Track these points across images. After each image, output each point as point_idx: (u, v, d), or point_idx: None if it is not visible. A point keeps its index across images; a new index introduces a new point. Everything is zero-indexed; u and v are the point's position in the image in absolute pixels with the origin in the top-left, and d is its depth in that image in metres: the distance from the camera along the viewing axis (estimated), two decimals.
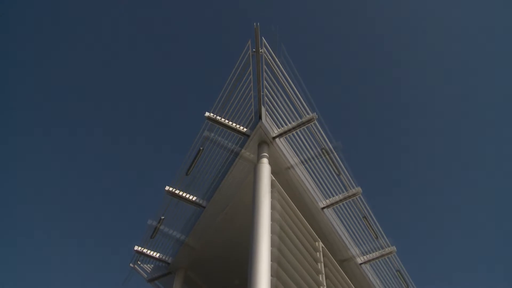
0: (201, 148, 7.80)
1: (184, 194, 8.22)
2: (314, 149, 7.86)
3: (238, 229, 8.40)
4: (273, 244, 5.93)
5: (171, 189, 8.22)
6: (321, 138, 7.72)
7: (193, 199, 8.20)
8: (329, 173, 8.08)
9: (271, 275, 5.52)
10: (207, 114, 7.41)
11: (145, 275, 9.97)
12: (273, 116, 7.37)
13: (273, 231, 6.04)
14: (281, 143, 7.45)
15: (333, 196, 8.37)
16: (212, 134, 7.73)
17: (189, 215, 8.67)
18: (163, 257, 9.34)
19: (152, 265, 10.07)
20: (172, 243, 9.24)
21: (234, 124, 7.45)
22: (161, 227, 8.98)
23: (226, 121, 7.45)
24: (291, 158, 7.66)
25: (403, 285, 11.13)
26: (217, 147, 7.82)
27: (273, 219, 6.19)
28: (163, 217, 8.78)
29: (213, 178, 8.03)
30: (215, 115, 7.42)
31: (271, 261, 5.61)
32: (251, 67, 7.13)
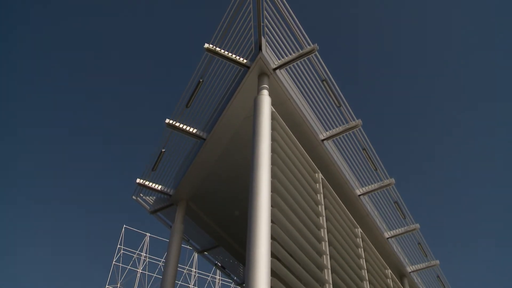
0: (201, 80, 7.70)
1: (184, 127, 8.20)
2: (314, 80, 7.77)
3: (239, 160, 8.46)
4: (273, 176, 5.98)
5: (171, 121, 8.19)
6: (322, 70, 7.62)
7: (193, 131, 8.20)
8: (329, 105, 8.04)
9: (271, 206, 5.60)
10: (206, 45, 7.25)
11: (148, 207, 10.14)
12: (274, 47, 7.23)
13: (273, 163, 6.08)
14: (281, 74, 7.35)
15: (333, 128, 8.36)
16: (212, 66, 7.62)
17: (189, 148, 8.69)
18: (165, 189, 9.46)
19: (154, 198, 10.22)
20: (173, 175, 9.33)
21: (234, 56, 7.32)
22: (162, 160, 9.03)
23: (226, 52, 7.31)
24: (292, 90, 7.58)
25: (400, 216, 11.35)
26: (217, 79, 7.73)
27: (273, 150, 6.21)
28: (163, 150, 8.81)
29: (213, 110, 7.99)
30: (214, 47, 7.27)
31: (271, 192, 5.67)
32: None
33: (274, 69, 7.16)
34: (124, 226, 54.42)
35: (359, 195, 9.62)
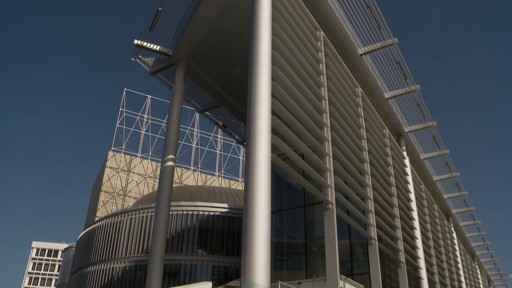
0: None
1: None
2: None
3: (239, 17, 8.24)
4: (274, 33, 5.85)
5: None
6: None
7: None
8: None
9: (272, 64, 5.55)
10: None
11: (147, 69, 10.11)
12: None
13: (274, 19, 5.91)
14: None
15: None
16: None
17: (187, 5, 8.42)
18: (164, 50, 9.34)
19: (153, 59, 10.14)
20: (172, 35, 9.16)
21: None
22: (160, 19, 8.79)
23: None
24: None
25: (401, 77, 11.33)
26: None
27: (273, 6, 6.01)
28: (160, 9, 8.54)
29: None
30: None
31: (272, 49, 5.59)
32: None
33: None
34: (125, 89, 54.80)
35: (361, 55, 9.52)
